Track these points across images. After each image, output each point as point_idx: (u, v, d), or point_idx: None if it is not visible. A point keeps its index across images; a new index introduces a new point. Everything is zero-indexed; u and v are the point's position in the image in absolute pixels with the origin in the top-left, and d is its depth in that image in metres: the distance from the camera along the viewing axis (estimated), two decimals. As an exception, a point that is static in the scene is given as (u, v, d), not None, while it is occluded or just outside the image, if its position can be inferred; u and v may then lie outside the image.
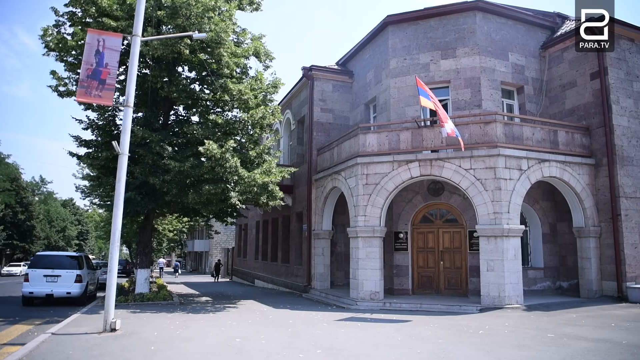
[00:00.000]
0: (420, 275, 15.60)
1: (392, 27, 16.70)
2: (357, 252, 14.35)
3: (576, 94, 15.53)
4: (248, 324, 11.07)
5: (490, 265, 12.79)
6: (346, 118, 19.47)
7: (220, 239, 50.39)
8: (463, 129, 13.71)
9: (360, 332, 9.84)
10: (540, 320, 10.82)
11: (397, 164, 14.21)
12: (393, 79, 16.35)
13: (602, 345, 7.95)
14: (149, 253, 17.23)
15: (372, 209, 14.32)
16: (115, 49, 10.24)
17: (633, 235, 14.05)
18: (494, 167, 13.20)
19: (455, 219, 15.43)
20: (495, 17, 16.09)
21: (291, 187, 21.24)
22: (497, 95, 15.61)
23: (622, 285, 13.65)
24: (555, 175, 14.08)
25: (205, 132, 14.76)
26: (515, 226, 13.03)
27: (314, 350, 7.96)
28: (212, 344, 8.64)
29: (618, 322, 10.16)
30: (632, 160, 14.55)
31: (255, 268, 28.05)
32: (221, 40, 14.56)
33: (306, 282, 18.38)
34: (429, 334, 9.44)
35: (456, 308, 12.75)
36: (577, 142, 14.76)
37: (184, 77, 16.40)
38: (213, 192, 14.24)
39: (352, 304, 13.97)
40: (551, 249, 15.84)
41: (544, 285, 15.57)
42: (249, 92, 15.51)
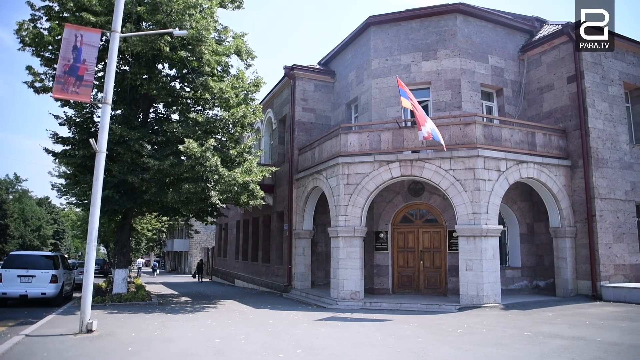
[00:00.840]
0: (401, 274, 15.71)
1: (374, 28, 16.77)
2: (337, 252, 14.38)
3: (553, 97, 15.82)
4: (228, 324, 10.99)
5: (469, 265, 12.95)
6: (328, 118, 19.49)
7: (200, 239, 49.98)
8: (443, 129, 13.84)
9: (341, 332, 9.86)
10: (518, 319, 10.98)
11: (378, 164, 14.27)
12: (375, 80, 16.43)
13: (577, 343, 8.11)
14: (127, 253, 16.98)
15: (353, 209, 14.36)
16: (94, 45, 10.05)
17: (607, 235, 14.37)
18: (473, 168, 13.36)
19: (435, 219, 15.57)
20: (476, 19, 16.29)
21: (272, 187, 21.17)
22: (477, 97, 15.80)
23: (596, 284, 13.95)
24: (533, 176, 14.32)
25: (185, 131, 14.61)
26: (494, 226, 13.21)
27: (294, 350, 7.94)
28: (191, 344, 8.55)
29: (592, 321, 10.37)
30: (606, 162, 14.89)
31: (236, 268, 27.88)
32: (202, 38, 14.43)
33: (287, 282, 18.34)
34: (409, 333, 9.50)
35: (435, 307, 12.86)
36: (554, 144, 15.03)
37: (164, 75, 16.22)
38: (193, 191, 14.10)
39: (333, 304, 13.99)
40: (528, 249, 16.11)
41: (521, 284, 15.82)
42: (230, 90, 15.41)
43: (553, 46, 15.91)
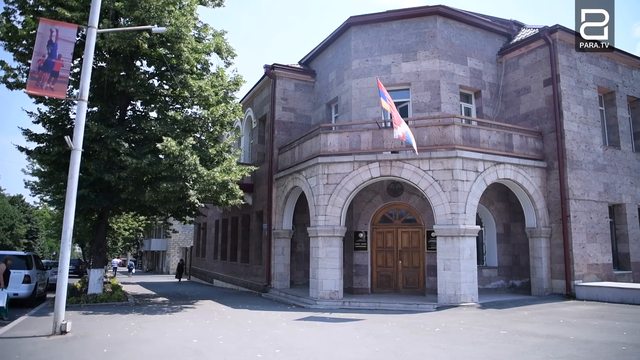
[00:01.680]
0: (380, 274, 15.79)
1: (355, 29, 16.82)
2: (317, 252, 14.38)
3: (530, 99, 16.10)
4: (206, 325, 10.89)
5: (447, 265, 13.08)
6: (308, 117, 19.47)
7: (178, 238, 49.40)
8: (422, 130, 13.97)
9: (320, 331, 9.86)
10: (494, 317, 11.15)
11: (358, 164, 14.32)
12: (355, 80, 16.47)
13: (551, 341, 8.27)
14: (102, 252, 16.68)
15: (332, 209, 14.38)
16: (70, 40, 9.85)
17: (581, 235, 14.70)
18: (451, 168, 13.50)
19: (413, 219, 15.70)
20: (455, 22, 16.48)
21: (251, 186, 21.06)
22: (455, 98, 15.98)
23: (570, 283, 14.26)
24: (510, 177, 14.55)
25: (163, 129, 14.41)
26: (471, 226, 13.38)
27: (272, 350, 7.91)
28: (168, 345, 8.44)
29: (566, 319, 10.59)
30: (581, 164, 15.21)
31: (214, 268, 27.66)
32: (181, 35, 14.27)
33: (266, 282, 18.26)
34: (387, 332, 9.55)
35: (414, 306, 12.96)
36: (530, 145, 15.30)
37: (142, 72, 15.96)
38: (171, 190, 13.93)
39: (312, 303, 13.98)
40: (505, 249, 16.36)
41: (497, 283, 16.07)
42: (210, 88, 15.26)
43: (530, 50, 16.20)
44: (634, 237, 16.34)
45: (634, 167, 16.83)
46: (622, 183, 16.31)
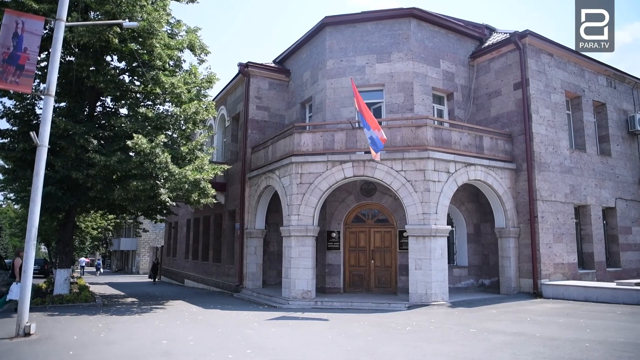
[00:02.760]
0: (352, 274, 15.85)
1: (330, 29, 16.85)
2: (289, 251, 14.34)
3: (501, 102, 16.43)
4: (176, 325, 10.72)
5: (419, 264, 13.23)
6: (282, 117, 19.40)
7: (148, 238, 48.55)
8: (395, 131, 14.10)
9: (292, 331, 9.84)
10: (464, 316, 11.33)
11: (331, 164, 14.35)
12: (329, 80, 16.50)
13: (518, 338, 8.45)
14: (69, 252, 16.25)
15: (305, 208, 14.36)
16: (36, 33, 9.56)
17: (547, 235, 15.08)
18: (423, 169, 13.66)
19: (386, 219, 15.82)
20: (429, 25, 16.68)
21: (224, 185, 20.86)
22: (428, 100, 16.18)
23: (537, 282, 14.61)
24: (480, 178, 14.82)
25: (134, 126, 14.12)
26: (443, 226, 13.57)
27: (243, 351, 7.84)
28: (137, 346, 8.28)
29: (533, 317, 10.85)
30: (548, 166, 15.61)
31: (186, 267, 27.28)
32: (154, 31, 14.01)
33: (238, 282, 18.11)
34: (359, 331, 9.59)
35: (385, 306, 13.06)
36: (500, 147, 15.61)
37: (113, 67, 15.61)
38: (141, 189, 13.66)
39: (284, 303, 13.94)
40: (475, 249, 16.66)
41: (467, 282, 16.35)
42: (182, 86, 15.05)
43: (501, 54, 16.53)
44: (598, 237, 16.87)
45: (599, 169, 17.38)
46: (587, 185, 16.82)
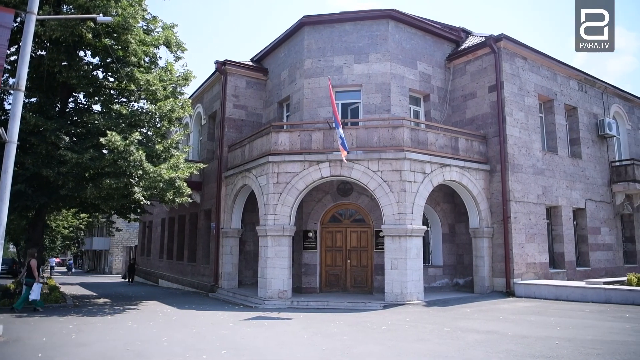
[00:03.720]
0: (328, 273, 15.87)
1: (308, 28, 16.82)
2: (266, 251, 14.27)
3: (476, 104, 16.68)
4: (150, 326, 10.55)
5: (394, 264, 13.33)
6: (259, 115, 19.29)
7: (122, 237, 47.73)
8: (372, 132, 14.17)
9: (267, 331, 9.79)
10: (438, 315, 11.46)
11: (308, 163, 14.33)
12: (307, 80, 16.48)
13: (491, 336, 8.59)
14: (39, 252, 15.83)
15: (282, 208, 14.31)
16: (6, 26, 9.26)
17: (520, 235, 15.37)
18: (400, 169, 13.77)
19: (362, 218, 15.88)
20: (407, 26, 16.81)
21: (200, 184, 20.63)
22: (405, 101, 16.31)
23: (510, 281, 14.88)
24: (455, 179, 15.01)
25: (107, 123, 13.85)
26: (418, 226, 13.69)
27: (218, 351, 7.77)
28: (109, 348, 8.11)
29: (505, 315, 11.04)
30: (521, 167, 15.92)
31: (160, 267, 26.89)
32: (129, 26, 13.79)
33: (213, 282, 17.94)
34: (335, 330, 9.61)
35: (361, 305, 13.11)
36: (475, 149, 15.84)
37: (86, 63, 15.30)
38: (115, 187, 13.41)
39: (260, 303, 13.87)
40: (450, 248, 16.87)
41: (442, 282, 16.54)
42: (158, 83, 14.83)
43: (477, 57, 16.78)
44: (568, 237, 17.28)
45: (570, 171, 17.80)
46: (559, 186, 17.21)
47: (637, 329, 8.84)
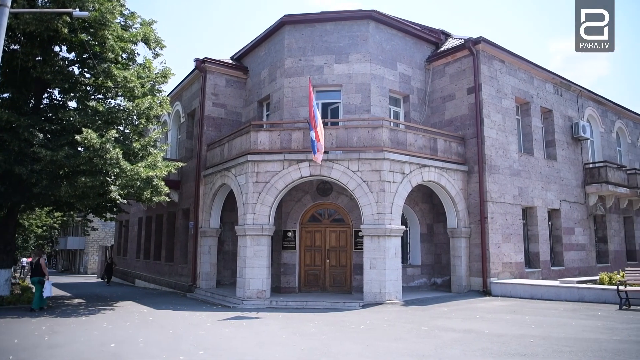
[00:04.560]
0: (307, 273, 15.85)
1: (289, 27, 16.78)
2: (244, 251, 14.18)
3: (454, 106, 16.87)
4: (125, 327, 10.39)
5: (373, 264, 13.39)
6: (239, 114, 19.17)
7: (97, 236, 46.87)
8: (352, 132, 14.21)
9: (245, 331, 9.73)
10: (416, 314, 11.55)
11: (288, 163, 14.29)
12: (287, 79, 16.43)
13: (468, 335, 8.69)
14: (11, 251, 15.45)
15: (261, 207, 14.24)
16: (-23, 19, 9.01)
17: (497, 235, 15.61)
18: (379, 170, 13.84)
19: (342, 218, 15.91)
20: (387, 27, 16.91)
21: (178, 183, 20.39)
22: (385, 102, 16.40)
23: (486, 280, 15.10)
24: (434, 179, 15.16)
25: (83, 120, 13.57)
26: (397, 226, 13.78)
27: (196, 352, 7.69)
28: (83, 349, 7.96)
29: (482, 314, 11.19)
30: (498, 168, 16.16)
31: (137, 267, 26.50)
32: (106, 22, 13.53)
33: (191, 282, 17.75)
34: (313, 330, 9.60)
35: (340, 305, 13.14)
36: (453, 150, 16.02)
37: (62, 58, 14.97)
38: (90, 185, 13.13)
39: (239, 303, 13.77)
40: (428, 248, 17.03)
41: (420, 281, 16.69)
42: (136, 80, 14.61)
43: (456, 59, 16.97)
44: (543, 237, 17.62)
45: (545, 173, 18.15)
46: (534, 187, 17.53)
47: (608, 327, 9.05)
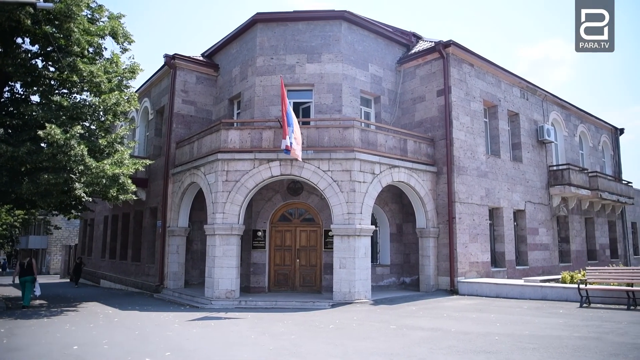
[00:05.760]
0: (277, 272, 15.79)
1: (261, 25, 16.67)
2: (213, 250, 14.01)
3: (424, 108, 17.09)
4: (89, 329, 10.11)
5: (343, 263, 13.43)
6: (209, 112, 18.93)
7: (61, 235, 45.56)
8: (323, 132, 14.22)
9: (214, 332, 9.61)
10: (385, 313, 11.64)
11: (259, 162, 14.20)
12: (259, 77, 16.32)
13: (435, 333, 8.81)
14: None
15: (231, 206, 14.10)
16: None
17: (464, 235, 15.90)
18: (350, 170, 13.89)
19: (312, 218, 15.91)
20: (359, 28, 16.99)
21: (146, 181, 19.99)
22: (356, 102, 16.48)
23: (454, 280, 15.36)
24: (403, 180, 15.32)
25: (47, 115, 13.15)
26: (367, 226, 13.87)
27: (162, 353, 7.54)
28: (44, 352, 7.70)
29: (449, 313, 11.37)
30: (466, 170, 16.46)
31: (102, 267, 25.86)
32: (72, 14, 13.13)
33: (158, 282, 17.43)
34: (282, 330, 9.56)
35: (310, 304, 13.13)
36: (423, 151, 16.23)
37: (24, 50, 14.46)
38: (53, 182, 12.73)
39: (207, 303, 13.60)
40: (397, 248, 17.21)
41: (389, 280, 16.85)
42: (102, 74, 14.24)
43: (426, 61, 17.20)
44: (509, 237, 18.05)
45: (511, 174, 18.59)
46: (501, 189, 17.94)
47: (569, 324, 9.33)
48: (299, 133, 13.12)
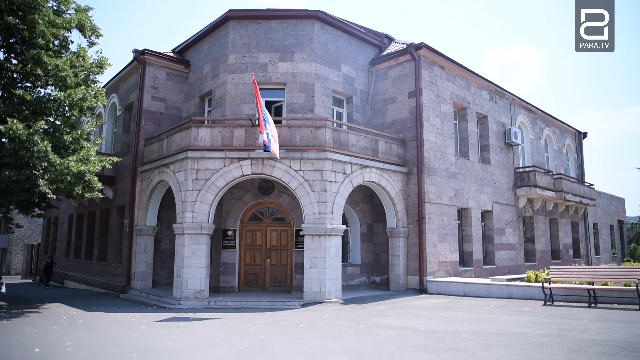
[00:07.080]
0: (247, 272, 15.66)
1: (234, 23, 16.50)
2: (182, 250, 13.80)
3: (396, 109, 17.25)
4: (52, 331, 9.80)
5: (314, 263, 13.43)
6: (179, 109, 18.63)
7: (23, 234, 44.02)
8: (295, 131, 14.18)
9: (182, 332, 9.45)
10: (355, 312, 11.70)
11: (229, 160, 14.05)
12: (231, 75, 16.16)
13: (404, 332, 8.90)
14: None
15: (200, 205, 13.91)
16: None
17: (433, 235, 16.12)
18: (321, 169, 13.90)
19: (283, 217, 15.85)
20: (332, 28, 17.02)
21: (113, 179, 19.52)
22: (328, 102, 16.50)
23: (423, 279, 15.55)
24: (374, 180, 15.42)
25: (8, 109, 12.66)
26: (338, 226, 13.90)
27: (128, 355, 7.37)
28: (3, 356, 7.43)
29: (418, 312, 11.51)
30: (436, 171, 16.69)
31: (66, 267, 25.13)
32: (36, 5, 12.68)
33: (125, 282, 17.04)
34: (252, 330, 9.49)
35: (280, 304, 13.08)
36: (394, 152, 16.38)
37: (-16, 42, 13.91)
38: (15, 179, 12.29)
39: (175, 304, 13.38)
40: (368, 247, 17.31)
41: (360, 280, 16.94)
42: (68, 68, 13.80)
43: (398, 63, 17.36)
44: (477, 237, 18.40)
45: (479, 175, 18.95)
46: (469, 190, 18.27)
47: (534, 322, 9.57)
48: (274, 131, 13.01)
